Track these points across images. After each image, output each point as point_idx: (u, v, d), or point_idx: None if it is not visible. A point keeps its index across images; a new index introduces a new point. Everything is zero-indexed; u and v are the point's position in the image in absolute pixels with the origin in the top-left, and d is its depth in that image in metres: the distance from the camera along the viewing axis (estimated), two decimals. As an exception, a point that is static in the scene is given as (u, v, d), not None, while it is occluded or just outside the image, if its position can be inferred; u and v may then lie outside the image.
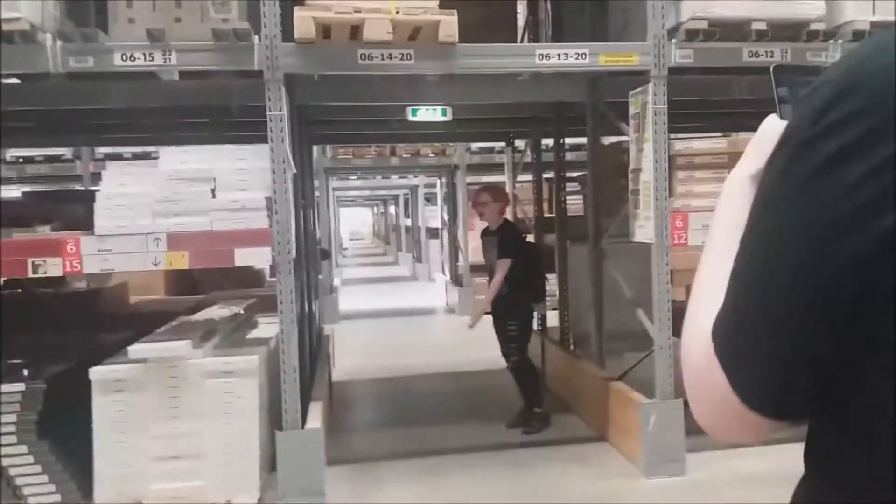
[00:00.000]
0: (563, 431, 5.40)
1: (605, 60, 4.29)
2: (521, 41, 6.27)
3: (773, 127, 0.83)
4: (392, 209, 26.48)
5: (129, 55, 3.86)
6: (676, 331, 4.45)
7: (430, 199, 17.97)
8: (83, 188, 8.93)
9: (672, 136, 4.44)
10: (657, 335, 4.44)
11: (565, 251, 6.49)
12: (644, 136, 4.40)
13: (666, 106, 4.31)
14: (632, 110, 4.58)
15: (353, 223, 37.21)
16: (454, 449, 5.14)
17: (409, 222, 20.08)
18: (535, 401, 5.45)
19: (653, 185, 4.30)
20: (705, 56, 4.36)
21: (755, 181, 0.78)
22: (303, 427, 4.11)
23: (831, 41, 4.47)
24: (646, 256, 5.02)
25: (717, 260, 0.77)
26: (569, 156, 6.97)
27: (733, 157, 4.54)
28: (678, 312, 4.51)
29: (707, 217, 4.40)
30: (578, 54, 4.23)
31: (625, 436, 4.71)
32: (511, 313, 5.38)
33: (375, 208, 33.81)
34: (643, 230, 4.47)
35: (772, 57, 4.39)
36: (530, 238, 6.26)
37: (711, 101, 5.49)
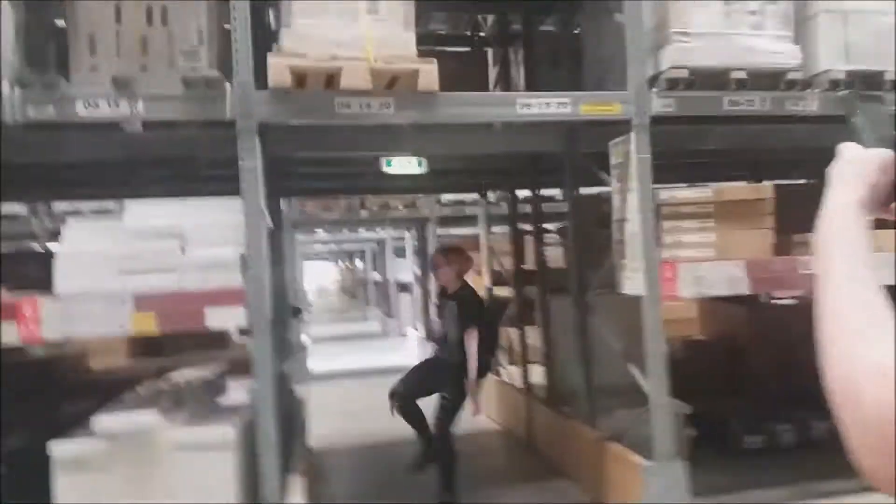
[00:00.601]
0: (556, 497, 5.14)
1: (586, 109, 4.21)
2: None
3: (864, 155, 0.85)
4: (359, 263, 26.22)
5: (92, 103, 3.65)
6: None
7: (397, 252, 17.81)
8: (41, 247, 8.56)
9: (655, 185, 4.36)
10: (653, 391, 4.26)
11: (547, 305, 6.34)
12: (628, 185, 4.31)
13: (649, 155, 4.24)
14: (613, 160, 4.50)
15: (317, 278, 36.74)
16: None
17: (377, 276, 19.83)
18: (448, 488, 4.92)
19: (640, 236, 4.19)
20: (686, 105, 4.32)
21: (863, 206, 0.81)
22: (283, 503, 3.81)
23: (808, 90, 4.49)
24: (632, 308, 4.89)
25: (859, 293, 0.74)
26: (543, 207, 6.88)
27: (718, 207, 4.49)
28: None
29: (697, 268, 4.31)
30: (560, 103, 4.15)
31: (624, 500, 4.48)
32: (450, 382, 4.94)
33: (340, 262, 33.47)
34: (632, 282, 4.34)
35: (752, 106, 4.38)
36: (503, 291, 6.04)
37: (690, 150, 5.48)
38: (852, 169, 0.83)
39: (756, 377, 6.21)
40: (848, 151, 0.86)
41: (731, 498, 4.78)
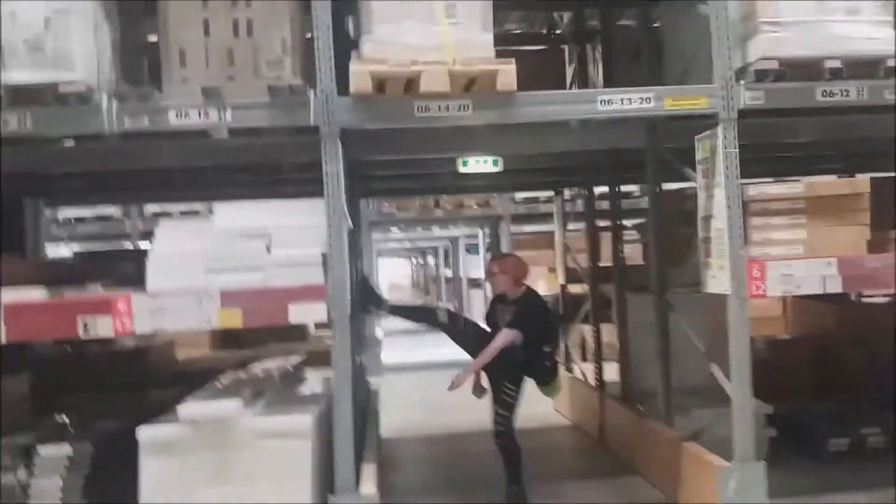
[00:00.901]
0: (629, 495, 5.08)
1: (670, 104, 4.11)
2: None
3: None
4: (431, 260, 26.42)
5: (183, 113, 3.80)
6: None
7: (469, 249, 17.85)
8: (132, 246, 8.99)
9: (743, 181, 4.22)
10: (735, 392, 4.14)
11: (625, 302, 6.24)
12: (714, 181, 4.19)
13: (737, 150, 4.11)
14: (699, 155, 4.38)
15: (391, 274, 37.24)
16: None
17: (449, 273, 19.93)
18: (517, 478, 4.96)
19: (727, 233, 4.07)
20: (776, 97, 4.16)
21: None
22: (356, 490, 3.89)
23: (909, 78, 4.25)
24: (714, 307, 4.76)
25: None
26: (621, 203, 6.77)
27: (811, 202, 4.32)
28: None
29: (785, 266, 4.16)
30: (643, 99, 4.07)
31: (700, 500, 4.37)
32: (513, 378, 4.92)
33: (414, 259, 33.82)
34: (716, 280, 4.22)
35: (847, 96, 4.18)
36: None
37: (781, 144, 5.28)
38: None
39: (843, 378, 5.94)
40: None
41: (811, 500, 4.60)
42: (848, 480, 4.93)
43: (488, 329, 5.13)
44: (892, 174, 5.37)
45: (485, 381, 5.14)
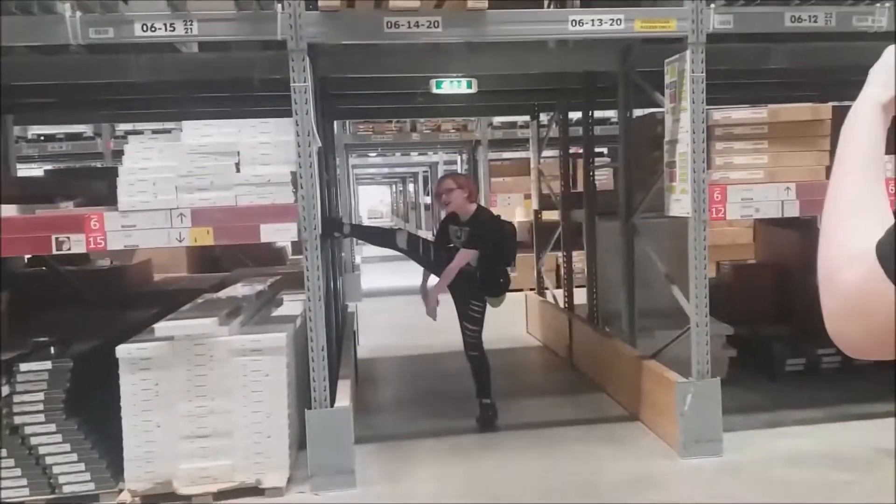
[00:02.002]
0: (593, 411, 5.30)
1: (640, 26, 4.11)
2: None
3: None
4: (411, 187, 26.35)
5: (149, 25, 3.75)
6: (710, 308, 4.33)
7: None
8: (104, 166, 8.90)
9: (709, 106, 4.27)
10: (693, 313, 4.31)
11: (593, 227, 6.35)
12: (681, 105, 4.23)
13: (704, 74, 4.14)
14: (667, 79, 4.41)
15: (371, 201, 37.13)
16: (477, 428, 5.08)
17: (428, 200, 19.93)
18: (488, 391, 5.11)
19: (689, 157, 4.14)
20: (745, 21, 4.18)
21: (886, 109, 0.84)
22: (332, 405, 4.05)
23: (877, 4, 4.26)
24: (678, 232, 4.88)
25: (857, 183, 0.81)
26: (595, 130, 6.78)
27: (773, 128, 4.38)
28: (712, 289, 4.38)
29: (745, 190, 4.26)
30: (613, 20, 4.06)
31: (659, 415, 4.60)
32: (477, 294, 4.99)
33: (394, 186, 33.69)
34: (679, 204, 4.32)
35: (815, 22, 4.20)
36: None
37: (748, 70, 5.30)
38: (886, 70, 0.86)
39: (803, 301, 6.15)
40: (889, 53, 0.87)
41: (766, 417, 4.87)
42: (802, 399, 5.20)
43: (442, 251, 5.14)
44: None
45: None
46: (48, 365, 3.92)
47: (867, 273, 0.73)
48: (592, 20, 4.05)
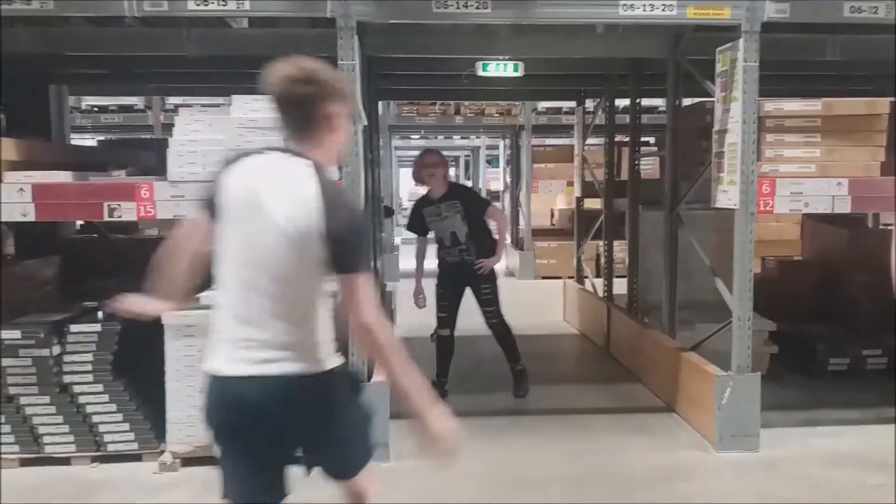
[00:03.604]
0: (629, 400, 5.28)
1: (693, 13, 4.03)
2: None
3: None
4: (452, 171, 26.32)
5: (202, 0, 3.81)
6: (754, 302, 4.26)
7: (490, 161, 17.74)
8: (155, 137, 9.09)
9: (761, 98, 4.17)
10: (736, 306, 4.24)
11: (637, 217, 6.28)
12: (732, 95, 4.15)
13: (757, 63, 4.05)
14: (718, 68, 4.32)
15: (412, 184, 37.16)
16: (516, 410, 5.10)
17: (469, 183, 19.90)
18: (517, 356, 5.34)
19: (739, 148, 4.07)
20: (802, 11, 4.06)
21: None
22: (369, 381, 4.10)
23: (944, -4, 4.11)
24: (723, 224, 4.80)
25: None
26: (642, 118, 6.69)
27: (827, 121, 4.27)
28: (756, 284, 4.31)
29: (795, 183, 4.17)
30: (665, 5, 3.99)
31: (695, 408, 4.56)
32: (484, 278, 5.15)
33: (435, 169, 33.63)
34: (726, 195, 4.25)
35: (875, 13, 4.07)
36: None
37: (803, 62, 5.16)
38: None
39: (849, 301, 6.02)
40: None
41: (805, 415, 4.79)
42: (842, 399, 5.10)
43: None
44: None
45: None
46: (97, 327, 4.05)
47: None
48: (644, 5, 3.99)
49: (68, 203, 3.98)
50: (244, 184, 2.00)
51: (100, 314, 4.31)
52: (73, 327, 4.03)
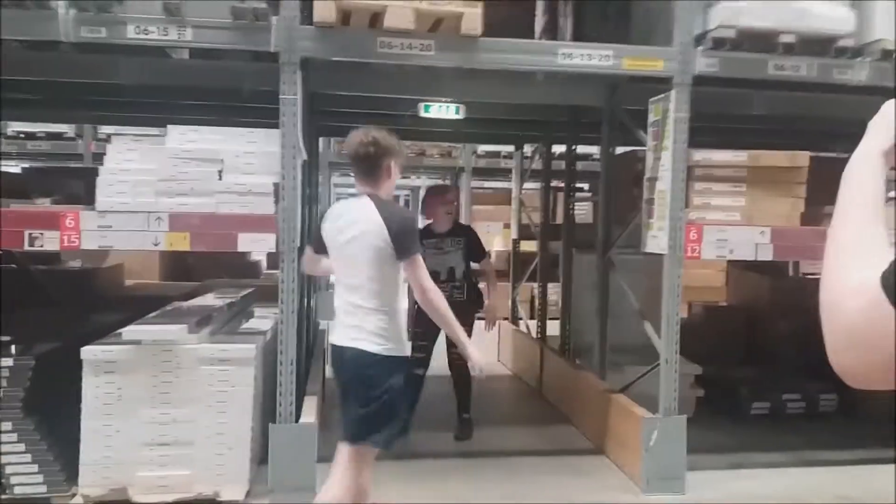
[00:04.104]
0: (560, 442, 5.29)
1: (628, 64, 4.20)
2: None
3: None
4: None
5: (142, 28, 3.75)
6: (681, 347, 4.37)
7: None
8: (84, 166, 8.80)
9: (691, 147, 4.35)
10: (664, 349, 4.34)
11: (570, 259, 6.40)
12: (663, 144, 4.31)
13: (688, 115, 4.22)
14: (651, 118, 4.49)
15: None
16: (448, 453, 5.04)
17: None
18: (468, 407, 5.35)
19: (669, 195, 4.21)
20: (730, 66, 4.28)
21: (887, 156, 0.91)
22: (297, 421, 4.00)
23: (858, 59, 4.40)
24: (652, 269, 4.92)
25: (860, 224, 0.86)
26: (577, 165, 6.87)
27: (752, 172, 4.47)
28: (683, 328, 4.42)
29: (721, 231, 4.33)
30: (602, 56, 4.14)
31: (624, 450, 4.61)
32: (463, 316, 5.20)
33: (374, 208, 33.58)
34: (656, 240, 4.37)
35: (798, 71, 4.31)
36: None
37: (731, 115, 5.42)
38: (884, 121, 0.93)
39: (771, 346, 6.24)
40: (888, 106, 0.94)
41: (730, 458, 4.89)
42: (766, 442, 5.24)
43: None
44: (836, 154, 5.59)
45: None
46: (9, 362, 3.84)
47: (870, 302, 0.76)
48: (582, 55, 4.13)
49: (-14, 230, 3.79)
50: (338, 224, 3.08)
51: (13, 348, 4.09)
52: (-18, 361, 3.81)
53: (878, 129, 0.93)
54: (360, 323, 2.96)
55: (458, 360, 5.13)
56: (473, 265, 5.37)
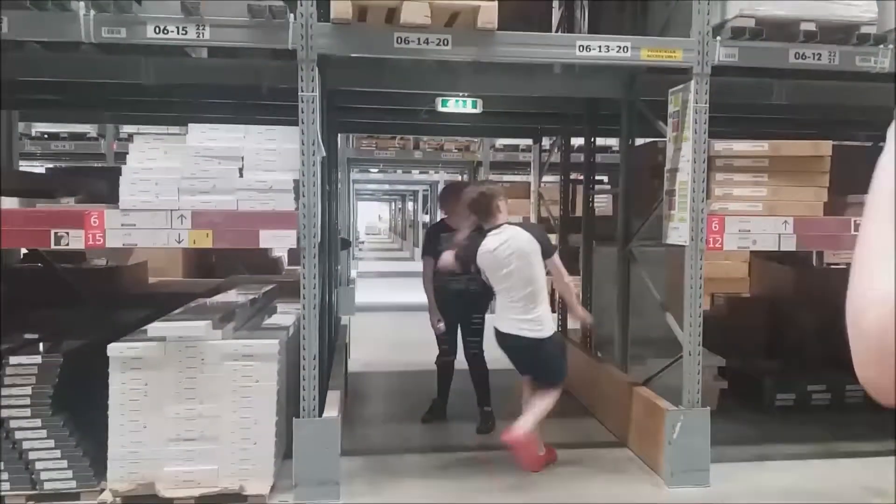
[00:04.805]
0: (583, 435, 5.28)
1: (647, 55, 4.17)
2: (556, 36, 6.14)
3: None
4: (410, 205, 26.42)
5: (161, 28, 3.79)
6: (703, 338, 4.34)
7: (449, 196, 17.84)
8: (107, 165, 8.91)
9: (711, 138, 4.31)
10: (686, 341, 4.31)
11: (591, 252, 6.37)
12: (683, 135, 4.27)
13: (707, 105, 4.19)
14: (671, 108, 4.46)
15: (369, 217, 37.22)
16: (470, 446, 5.05)
17: (427, 218, 19.99)
18: (488, 399, 5.38)
19: (689, 186, 4.18)
20: (750, 55, 4.23)
21: None
22: (320, 415, 4.03)
23: (881, 46, 4.33)
24: (673, 261, 4.89)
25: (886, 228, 0.81)
26: (596, 157, 6.83)
27: (773, 162, 4.42)
28: (706, 320, 4.39)
29: (743, 221, 4.30)
30: (620, 47, 4.11)
31: (647, 442, 4.59)
32: (479, 308, 5.32)
33: (393, 204, 33.78)
34: (677, 232, 4.35)
35: (819, 59, 4.26)
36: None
37: (751, 105, 5.36)
38: None
39: (795, 337, 6.17)
40: None
41: (755, 450, 4.86)
42: (791, 434, 5.20)
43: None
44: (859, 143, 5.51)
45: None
46: (38, 359, 3.90)
47: (893, 312, 0.72)
48: (600, 46, 4.11)
49: (14, 230, 3.86)
50: (494, 245, 4.26)
51: (41, 346, 4.17)
52: (13, 359, 3.88)
53: None
54: (517, 316, 4.31)
55: (473, 348, 5.27)
56: None
